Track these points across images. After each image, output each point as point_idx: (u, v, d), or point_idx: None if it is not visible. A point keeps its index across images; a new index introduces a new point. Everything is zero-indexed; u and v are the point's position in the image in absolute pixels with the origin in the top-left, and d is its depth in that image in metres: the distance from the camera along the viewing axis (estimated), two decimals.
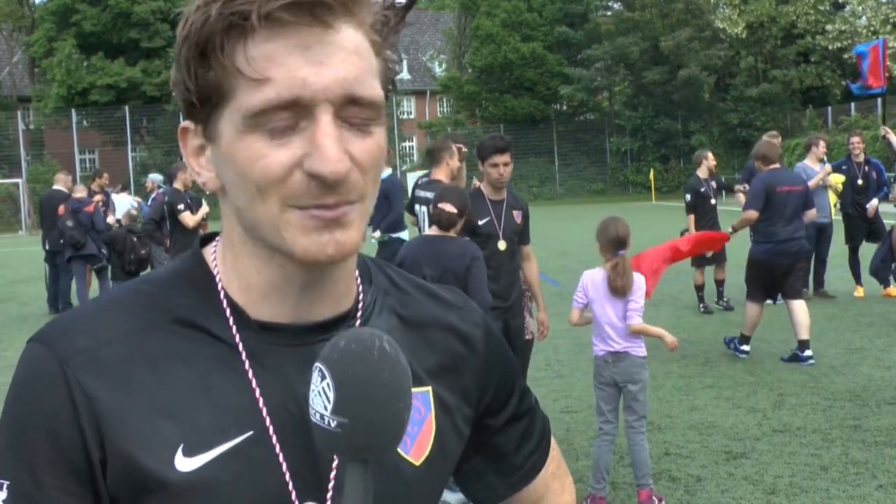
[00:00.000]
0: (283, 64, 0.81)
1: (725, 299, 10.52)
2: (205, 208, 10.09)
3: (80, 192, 12.36)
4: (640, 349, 4.68)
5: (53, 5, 42.03)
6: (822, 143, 10.60)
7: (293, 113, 0.82)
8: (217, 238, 0.99)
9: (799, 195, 7.64)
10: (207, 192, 0.92)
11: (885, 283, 10.04)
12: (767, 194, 7.63)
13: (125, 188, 14.01)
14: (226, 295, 0.93)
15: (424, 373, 1.01)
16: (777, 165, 7.89)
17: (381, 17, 0.88)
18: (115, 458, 0.86)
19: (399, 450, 0.95)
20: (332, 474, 0.91)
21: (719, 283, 10.55)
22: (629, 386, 4.63)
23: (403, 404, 0.80)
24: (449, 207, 4.54)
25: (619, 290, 4.63)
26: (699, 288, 10.49)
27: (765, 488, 4.80)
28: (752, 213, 7.68)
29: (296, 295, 0.93)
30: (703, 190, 10.13)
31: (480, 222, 5.26)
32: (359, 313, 0.98)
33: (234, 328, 0.92)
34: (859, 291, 10.84)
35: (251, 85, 0.82)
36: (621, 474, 5.01)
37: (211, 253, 0.97)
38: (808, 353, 7.50)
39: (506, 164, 5.30)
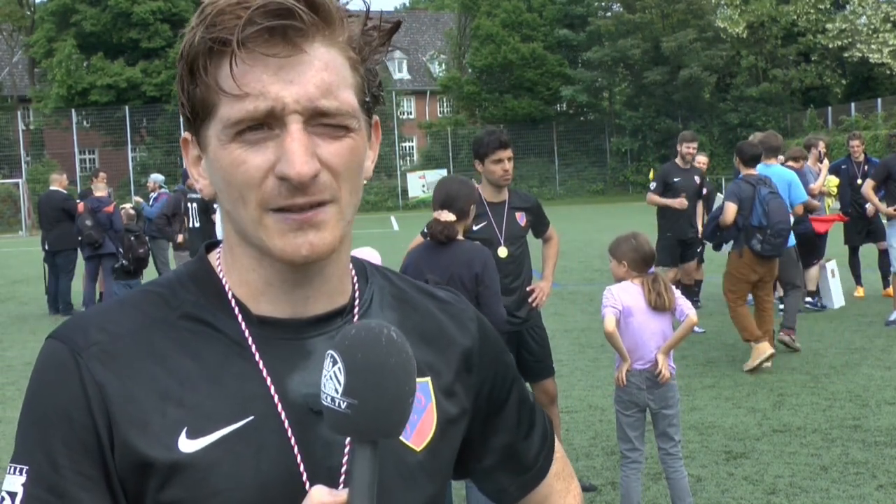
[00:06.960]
0: (258, 81, 0.90)
1: (696, 299, 10.59)
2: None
3: (100, 192, 12.31)
4: (672, 366, 4.36)
5: (53, 5, 42.00)
6: (821, 144, 10.59)
7: (268, 124, 0.91)
8: (222, 243, 1.06)
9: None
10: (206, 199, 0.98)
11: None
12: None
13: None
14: (232, 293, 1.00)
15: (423, 364, 1.05)
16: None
17: (360, 37, 0.96)
18: (122, 440, 0.92)
19: (400, 436, 1.00)
20: (345, 459, 0.96)
21: (696, 283, 10.66)
22: (665, 411, 4.30)
23: (409, 388, 0.87)
24: (444, 216, 4.06)
25: (662, 306, 4.31)
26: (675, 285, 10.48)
27: (765, 488, 4.80)
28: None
29: (289, 292, 1.00)
30: (676, 180, 9.76)
31: (476, 227, 4.79)
32: (356, 308, 1.04)
33: (242, 321, 0.99)
34: (859, 291, 10.84)
35: (231, 99, 0.91)
36: (619, 474, 5.01)
37: (216, 256, 1.05)
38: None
39: (510, 159, 4.87)
